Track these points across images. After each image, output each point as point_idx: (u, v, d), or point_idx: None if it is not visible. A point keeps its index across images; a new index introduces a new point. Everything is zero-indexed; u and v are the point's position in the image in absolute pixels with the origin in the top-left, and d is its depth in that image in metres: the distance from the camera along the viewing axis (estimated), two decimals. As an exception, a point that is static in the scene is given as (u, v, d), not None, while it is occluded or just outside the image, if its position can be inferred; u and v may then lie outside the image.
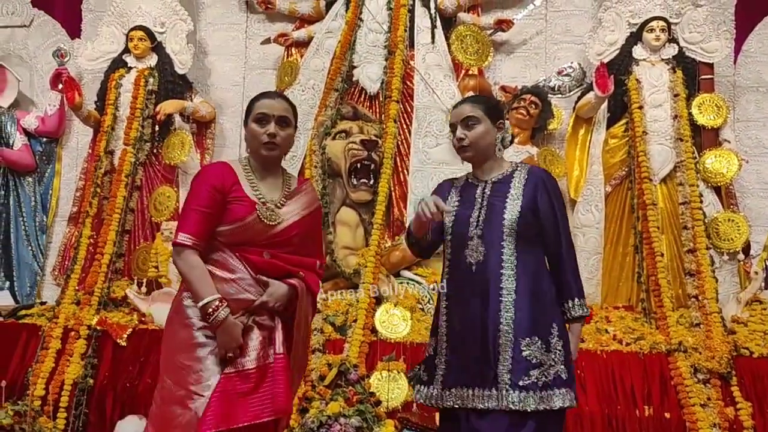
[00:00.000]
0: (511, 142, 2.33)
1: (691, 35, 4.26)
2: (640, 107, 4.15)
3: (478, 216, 2.15)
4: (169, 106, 4.47)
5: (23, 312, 4.05)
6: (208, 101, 4.80)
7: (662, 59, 4.26)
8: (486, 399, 2.03)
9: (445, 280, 2.20)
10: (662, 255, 3.86)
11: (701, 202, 3.96)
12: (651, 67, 4.24)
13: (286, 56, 4.86)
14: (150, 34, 4.60)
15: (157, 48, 4.63)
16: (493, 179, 2.20)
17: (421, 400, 2.19)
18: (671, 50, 4.25)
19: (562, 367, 2.06)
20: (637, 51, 4.29)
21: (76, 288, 4.04)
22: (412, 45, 4.44)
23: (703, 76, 4.24)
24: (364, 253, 3.93)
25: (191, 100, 4.66)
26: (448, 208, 2.14)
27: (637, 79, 4.20)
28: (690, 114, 4.12)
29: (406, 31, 4.41)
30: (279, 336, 2.04)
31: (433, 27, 4.48)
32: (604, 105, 4.25)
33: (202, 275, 2.01)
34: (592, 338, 3.58)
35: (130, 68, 4.60)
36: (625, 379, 3.39)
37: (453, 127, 2.22)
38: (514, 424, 2.01)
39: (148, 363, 3.56)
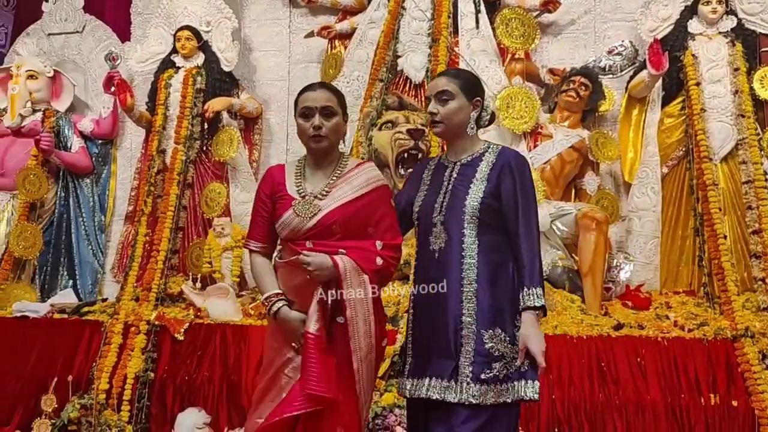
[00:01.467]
0: (490, 122, 2.28)
1: (750, 6, 4.07)
2: (698, 83, 3.99)
3: (442, 201, 2.11)
4: (217, 104, 4.53)
5: (86, 309, 4.17)
6: (254, 97, 4.84)
7: (720, 32, 4.08)
8: (445, 391, 1.99)
9: (414, 268, 2.18)
10: (725, 237, 3.71)
11: (766, 180, 3.77)
12: (708, 41, 4.07)
13: (329, 49, 4.86)
14: (196, 34, 4.67)
15: (204, 47, 4.70)
16: (462, 161, 2.15)
17: (399, 390, 2.18)
18: (729, 22, 4.06)
19: (526, 359, 2.00)
20: (693, 25, 4.11)
21: (135, 285, 4.13)
22: (456, 31, 4.38)
23: (764, 49, 4.05)
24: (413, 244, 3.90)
25: (238, 97, 4.72)
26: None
27: (693, 55, 4.04)
28: (751, 88, 3.95)
29: (449, 17, 4.34)
30: (313, 314, 2.01)
31: (477, 12, 4.40)
32: (659, 83, 4.10)
33: (262, 273, 2.16)
34: (652, 325, 3.47)
35: (179, 68, 4.68)
36: (689, 367, 3.27)
37: (428, 100, 2.17)
38: (472, 415, 1.96)
39: (205, 356, 3.62)
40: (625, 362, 3.27)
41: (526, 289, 2.02)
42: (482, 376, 1.96)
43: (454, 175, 2.13)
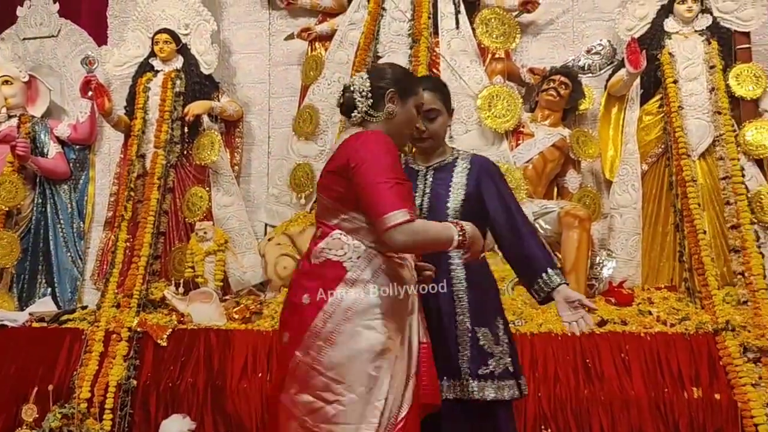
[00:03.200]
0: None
1: (725, 4, 4.11)
2: (675, 81, 4.03)
3: (422, 204, 2.14)
4: (196, 107, 4.49)
5: (66, 317, 4.12)
6: (234, 100, 4.81)
7: (696, 31, 4.12)
8: (449, 389, 2.03)
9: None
10: (704, 232, 3.75)
11: (743, 176, 3.82)
12: (684, 40, 4.11)
13: (310, 51, 4.84)
14: (175, 37, 4.63)
15: (183, 50, 4.65)
16: (434, 166, 2.19)
17: None
18: (705, 21, 4.11)
19: (509, 359, 2.09)
20: (669, 24, 4.16)
21: (116, 291, 4.08)
22: (436, 32, 4.38)
23: (739, 46, 4.09)
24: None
25: (218, 100, 4.68)
26: None
27: (670, 53, 4.08)
28: (727, 86, 3.98)
29: (429, 18, 4.33)
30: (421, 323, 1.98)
31: (457, 12, 4.40)
32: (637, 82, 4.14)
33: (435, 227, 1.89)
34: (634, 320, 3.49)
35: (157, 71, 4.63)
36: (672, 361, 3.29)
37: (418, 108, 2.10)
38: (472, 413, 2.03)
39: (188, 362, 3.59)
40: (609, 358, 3.29)
41: (549, 271, 2.05)
42: (480, 372, 2.04)
43: (430, 179, 2.19)
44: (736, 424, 3.12)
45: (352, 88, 1.99)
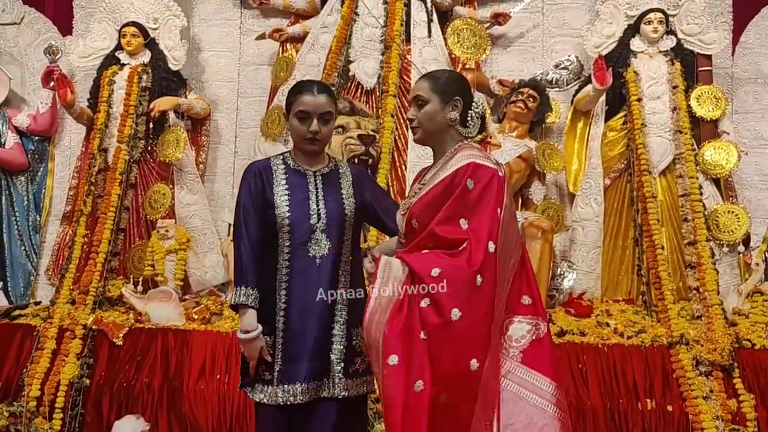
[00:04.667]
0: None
1: (689, 27, 4.24)
2: (639, 99, 4.13)
3: (317, 208, 2.16)
4: (163, 103, 4.42)
5: (17, 312, 3.99)
6: (202, 98, 4.75)
7: (660, 51, 4.24)
8: (318, 390, 2.10)
9: (284, 275, 2.14)
10: (662, 247, 3.84)
11: (701, 194, 3.94)
12: (649, 59, 4.22)
13: (281, 52, 4.81)
14: (143, 30, 4.55)
15: (151, 44, 4.57)
16: (321, 171, 2.24)
17: (265, 400, 2.12)
18: (669, 42, 4.23)
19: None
20: (635, 43, 4.27)
21: (71, 287, 3.98)
22: (408, 39, 4.41)
23: (701, 68, 4.22)
24: (363, 249, 3.89)
25: (185, 97, 4.61)
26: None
27: (635, 72, 4.18)
28: (689, 106, 4.10)
29: (402, 25, 4.37)
30: None
31: (430, 21, 4.44)
32: (603, 98, 4.22)
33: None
34: (593, 332, 3.56)
35: (123, 65, 4.54)
36: (627, 373, 3.36)
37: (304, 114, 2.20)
38: (344, 408, 2.12)
39: (145, 362, 3.52)
40: (567, 368, 3.34)
41: None
42: (350, 370, 2.15)
43: (319, 183, 2.25)
44: (687, 436, 3.20)
45: None
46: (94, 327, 3.67)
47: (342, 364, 2.13)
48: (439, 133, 2.06)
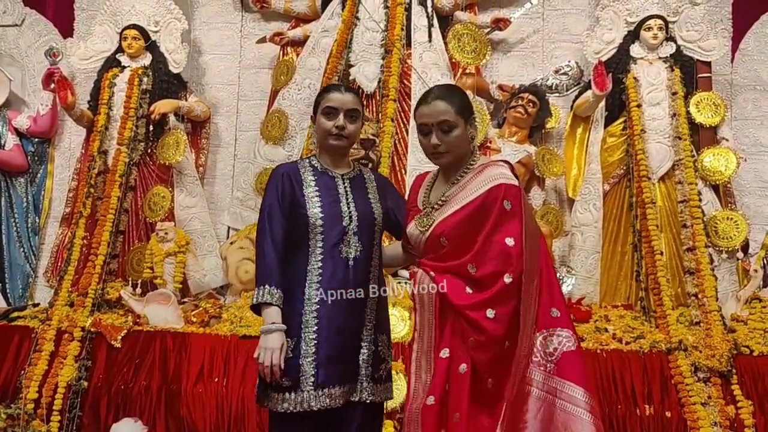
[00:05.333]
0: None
1: (689, 33, 4.25)
2: (639, 105, 4.14)
3: (349, 210, 2.16)
4: (163, 106, 4.42)
5: (15, 314, 3.98)
6: (202, 100, 4.76)
7: (660, 57, 4.25)
8: (348, 393, 2.09)
9: (316, 276, 2.11)
10: (661, 253, 3.84)
11: (700, 200, 3.94)
12: (649, 66, 4.23)
13: (281, 55, 4.82)
14: (144, 33, 4.56)
15: (151, 47, 4.58)
16: (348, 175, 2.24)
17: (291, 408, 2.03)
18: (669, 48, 4.24)
19: (391, 363, 2.24)
20: (635, 49, 4.28)
21: (70, 289, 3.98)
22: (409, 44, 4.42)
23: (700, 75, 4.23)
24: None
25: (186, 100, 4.62)
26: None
27: (635, 78, 4.19)
28: (688, 112, 4.11)
29: (402, 29, 4.38)
30: None
31: (430, 25, 4.45)
32: (602, 103, 4.24)
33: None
34: (591, 337, 3.55)
35: (124, 67, 4.55)
36: (626, 379, 3.36)
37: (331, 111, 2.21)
38: (365, 413, 2.12)
39: (143, 364, 3.51)
40: (566, 374, 3.33)
41: None
42: (375, 376, 2.14)
43: (347, 186, 2.24)
44: (685, 442, 3.20)
45: None
46: (92, 329, 3.66)
47: (369, 369, 2.12)
48: (465, 155, 2.05)
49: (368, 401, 2.11)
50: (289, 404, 2.03)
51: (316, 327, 2.07)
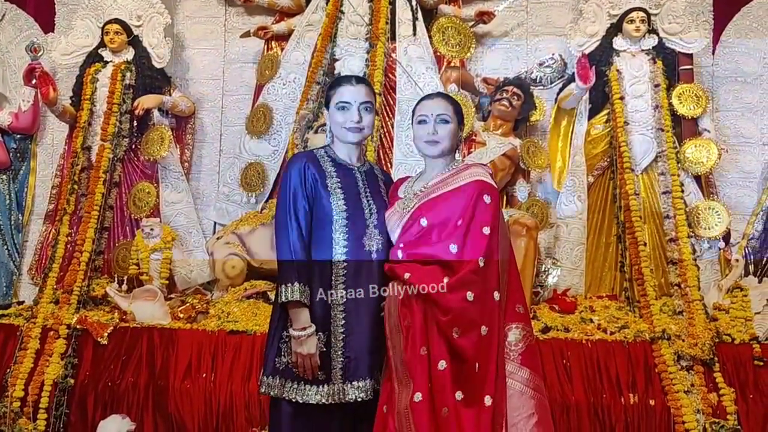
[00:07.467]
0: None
1: (671, 26, 4.28)
2: (622, 98, 4.17)
3: (369, 203, 2.18)
4: (147, 101, 4.39)
5: (0, 312, 3.95)
6: (187, 95, 4.72)
7: (642, 50, 4.28)
8: (365, 389, 2.10)
9: (342, 270, 2.12)
10: (645, 244, 3.89)
11: (682, 191, 3.99)
12: (631, 58, 4.27)
13: (266, 50, 4.80)
14: (126, 28, 4.51)
15: (134, 42, 4.54)
16: (363, 168, 2.27)
17: (323, 400, 2.07)
18: (651, 41, 4.27)
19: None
20: (618, 42, 4.31)
21: (55, 287, 3.95)
22: (393, 37, 4.42)
23: (682, 67, 4.27)
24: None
25: (170, 95, 4.59)
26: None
27: (618, 70, 4.22)
28: (670, 104, 4.15)
29: (387, 23, 4.37)
30: None
31: (415, 19, 4.45)
32: (586, 96, 4.26)
33: None
34: (576, 328, 3.59)
35: (107, 62, 4.51)
36: (610, 368, 3.40)
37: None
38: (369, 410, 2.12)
39: (130, 361, 3.50)
40: (551, 364, 3.37)
41: None
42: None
43: (365, 179, 2.27)
44: (669, 429, 3.25)
45: None
46: (78, 326, 3.64)
47: (379, 366, 2.14)
48: (452, 151, 2.24)
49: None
50: (321, 396, 2.07)
51: (343, 321, 2.10)
